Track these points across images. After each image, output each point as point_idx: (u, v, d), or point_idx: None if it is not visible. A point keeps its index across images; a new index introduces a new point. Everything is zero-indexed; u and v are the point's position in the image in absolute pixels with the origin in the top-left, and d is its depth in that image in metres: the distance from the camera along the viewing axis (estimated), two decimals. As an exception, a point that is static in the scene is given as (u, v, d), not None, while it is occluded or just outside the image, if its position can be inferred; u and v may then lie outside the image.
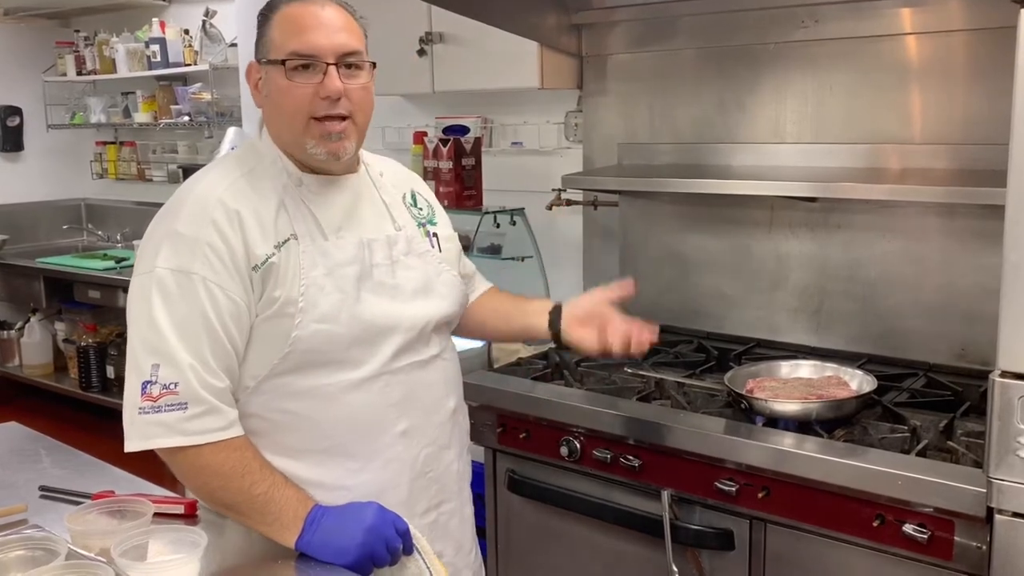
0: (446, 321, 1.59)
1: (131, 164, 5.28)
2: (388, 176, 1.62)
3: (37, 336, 5.06)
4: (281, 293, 1.37)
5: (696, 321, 2.62)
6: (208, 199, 1.38)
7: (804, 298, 2.43)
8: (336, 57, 1.39)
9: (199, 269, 1.33)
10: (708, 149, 2.54)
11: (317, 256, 1.41)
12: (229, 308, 1.34)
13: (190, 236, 1.35)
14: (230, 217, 1.36)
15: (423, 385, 1.52)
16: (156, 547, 1.20)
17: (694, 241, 2.62)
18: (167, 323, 1.32)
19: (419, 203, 1.64)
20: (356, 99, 1.42)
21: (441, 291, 1.57)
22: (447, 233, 1.66)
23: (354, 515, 1.34)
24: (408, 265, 1.53)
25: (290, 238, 1.40)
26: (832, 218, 2.36)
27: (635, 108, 2.71)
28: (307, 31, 1.39)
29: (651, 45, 2.66)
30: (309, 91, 1.38)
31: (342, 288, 1.42)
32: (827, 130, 2.36)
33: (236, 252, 1.35)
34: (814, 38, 2.34)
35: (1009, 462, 1.52)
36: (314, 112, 1.39)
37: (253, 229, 1.37)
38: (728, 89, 2.51)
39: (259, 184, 1.43)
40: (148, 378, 1.32)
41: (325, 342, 1.39)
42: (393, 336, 1.47)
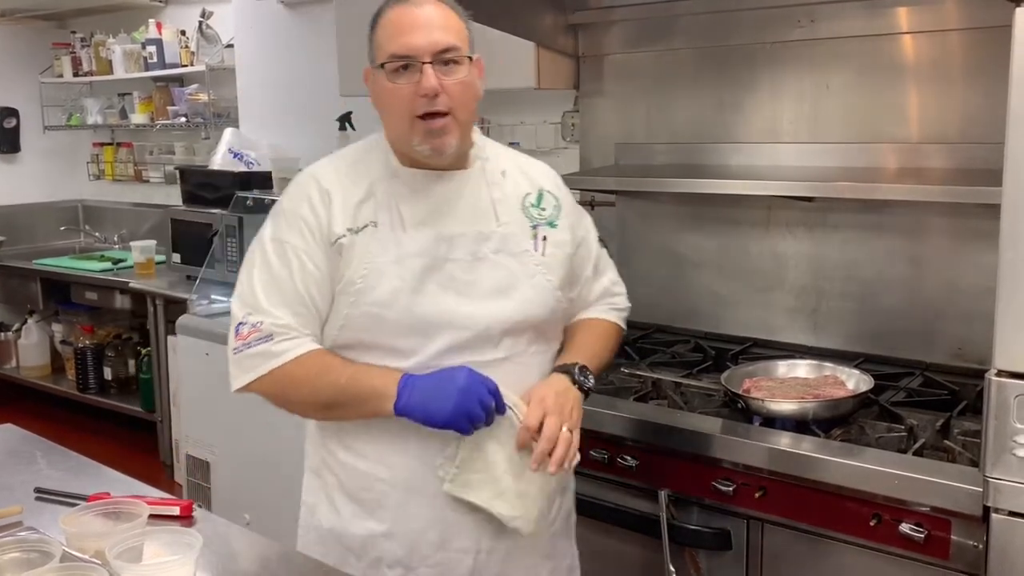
0: (523, 325, 1.54)
1: (128, 165, 5.27)
2: (513, 176, 1.61)
3: (34, 338, 5.05)
4: (347, 273, 1.48)
5: (693, 321, 2.62)
6: (309, 180, 1.55)
7: (801, 298, 2.43)
8: (432, 55, 1.43)
9: (292, 239, 1.50)
10: (705, 149, 2.54)
11: (390, 244, 1.49)
12: (314, 275, 1.49)
13: (290, 210, 1.53)
14: (322, 196, 1.51)
15: None
16: (151, 549, 1.19)
17: (691, 241, 2.62)
18: (260, 283, 1.50)
19: (544, 204, 1.62)
20: (455, 94, 1.45)
21: (526, 294, 1.55)
22: (560, 238, 1.61)
23: (447, 378, 1.42)
24: (495, 263, 1.53)
25: (368, 225, 1.49)
26: (829, 218, 2.36)
27: (632, 108, 2.71)
28: (403, 33, 1.44)
29: (648, 45, 2.65)
30: (409, 91, 1.44)
31: (403, 277, 1.47)
32: (824, 130, 2.36)
33: (323, 226, 1.49)
34: (811, 37, 2.34)
35: (1005, 461, 1.52)
36: (415, 111, 1.45)
37: (337, 211, 1.50)
38: (725, 89, 2.51)
39: (356, 173, 1.54)
40: (240, 321, 1.50)
41: (374, 325, 1.47)
42: (446, 332, 1.48)
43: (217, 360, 3.21)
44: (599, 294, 1.75)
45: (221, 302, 3.47)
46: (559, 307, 1.61)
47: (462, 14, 1.51)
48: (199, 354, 3.22)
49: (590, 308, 1.74)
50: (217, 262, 3.68)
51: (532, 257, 1.57)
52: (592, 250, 1.72)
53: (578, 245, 1.67)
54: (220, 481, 3.24)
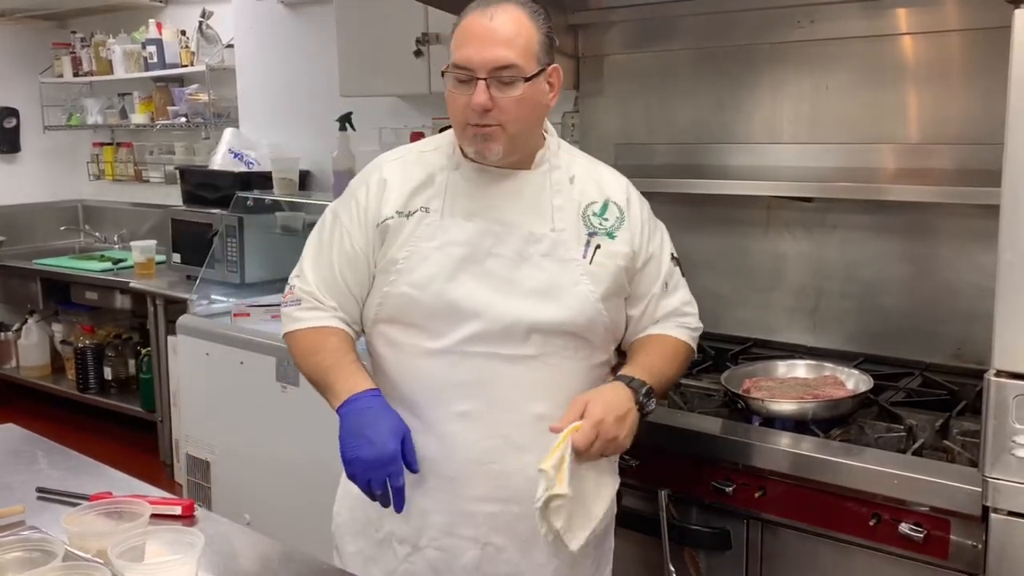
0: (559, 329, 1.54)
1: (128, 165, 5.28)
2: (582, 183, 1.62)
3: (34, 338, 5.06)
4: (391, 254, 1.56)
5: (693, 321, 2.62)
6: (377, 165, 1.64)
7: (800, 298, 2.44)
8: (487, 72, 1.45)
9: (343, 215, 1.62)
10: (705, 149, 2.54)
11: (437, 230, 1.55)
12: (349, 254, 1.59)
13: (352, 188, 1.64)
14: (380, 181, 1.60)
15: (502, 379, 1.53)
16: (153, 548, 1.20)
17: (691, 241, 2.61)
18: (311, 247, 1.65)
19: (607, 213, 1.61)
20: (506, 109, 1.47)
21: (566, 301, 1.55)
22: (616, 249, 1.59)
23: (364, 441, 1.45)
24: (539, 266, 1.55)
25: (419, 210, 1.56)
26: (828, 218, 2.36)
27: (632, 108, 2.72)
28: (467, 44, 1.47)
29: (648, 45, 2.66)
30: (463, 101, 1.48)
31: (441, 263, 1.53)
32: (823, 130, 2.36)
33: (370, 209, 1.58)
34: (810, 38, 2.34)
35: (1004, 461, 1.52)
36: (467, 120, 1.50)
37: (391, 195, 1.58)
38: (725, 89, 2.51)
39: (420, 161, 1.61)
40: (290, 282, 1.65)
41: (409, 304, 1.54)
42: (473, 322, 1.52)
43: (217, 360, 3.24)
44: (667, 312, 1.69)
45: (221, 302, 3.47)
46: (600, 318, 1.58)
47: (540, 24, 1.50)
48: (199, 354, 3.23)
49: (658, 324, 1.69)
50: (217, 262, 3.68)
51: (579, 265, 1.56)
52: (663, 267, 1.68)
53: (643, 261, 1.64)
54: (220, 481, 3.24)
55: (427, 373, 1.55)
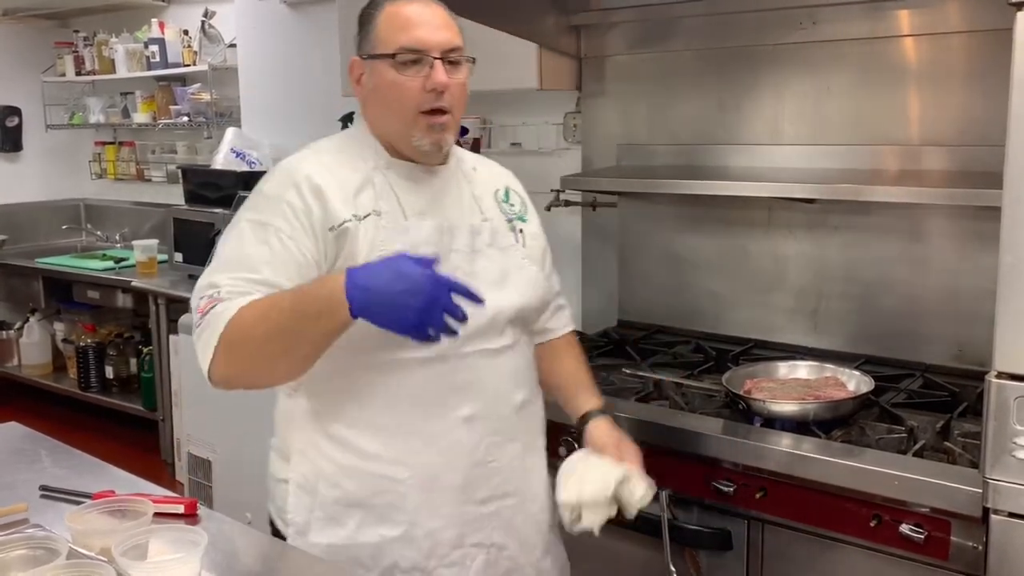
0: (522, 314, 1.59)
1: (130, 164, 5.28)
2: (482, 172, 1.67)
3: (36, 336, 5.06)
4: (359, 261, 1.42)
5: (694, 322, 2.62)
6: (295, 169, 1.49)
7: (801, 299, 2.44)
8: (441, 52, 1.46)
9: (274, 221, 1.43)
10: (706, 150, 2.55)
11: (396, 234, 1.48)
12: (296, 259, 1.41)
13: (273, 195, 1.47)
14: (312, 187, 1.45)
15: (492, 374, 1.53)
16: (156, 546, 1.20)
17: (692, 242, 2.63)
18: (225, 262, 1.42)
19: (511, 199, 1.67)
20: (456, 94, 1.49)
21: (519, 284, 1.59)
22: (534, 231, 1.68)
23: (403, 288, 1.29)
24: (489, 256, 1.57)
25: (371, 213, 1.47)
26: (830, 219, 2.36)
27: (634, 109, 2.72)
28: (415, 27, 1.46)
29: (650, 46, 2.66)
30: (417, 84, 1.46)
31: None
32: (825, 131, 2.36)
33: (313, 213, 1.43)
34: (812, 39, 2.35)
35: (1005, 463, 1.53)
36: (421, 105, 1.47)
37: (335, 198, 1.45)
38: (726, 90, 2.52)
39: (347, 163, 1.51)
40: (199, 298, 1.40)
41: None
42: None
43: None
44: (556, 291, 1.78)
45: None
46: (547, 297, 1.68)
47: (454, 17, 1.53)
48: (201, 353, 3.23)
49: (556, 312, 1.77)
50: (219, 261, 3.68)
51: (518, 250, 1.62)
52: (547, 247, 1.74)
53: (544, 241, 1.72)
54: (221, 480, 3.25)
55: (423, 385, 1.48)
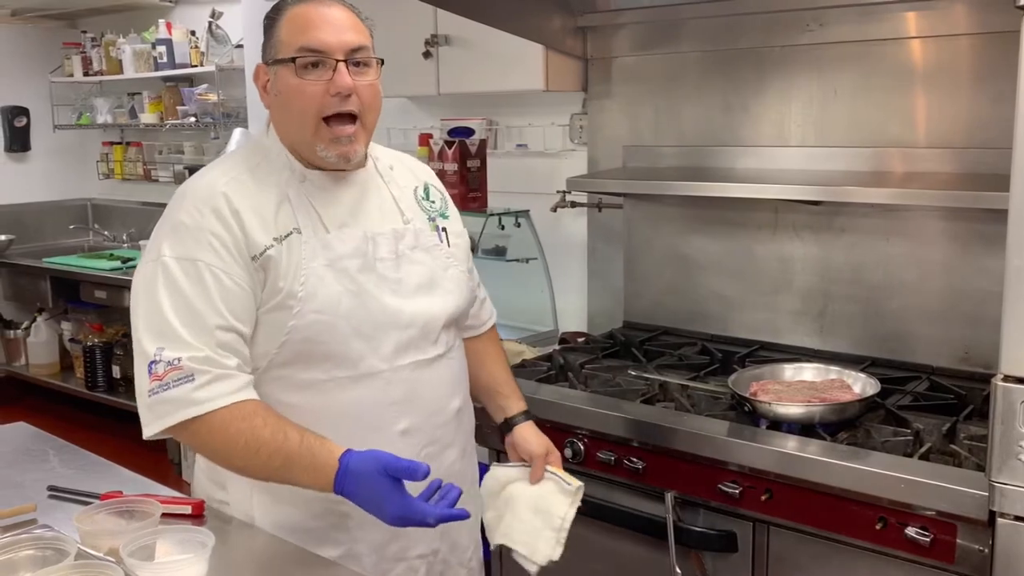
0: (453, 319, 1.57)
1: (137, 164, 5.30)
2: (399, 170, 1.62)
3: (43, 336, 5.08)
4: (284, 285, 1.38)
5: (700, 323, 2.62)
6: (210, 191, 1.40)
7: (808, 301, 2.44)
8: (345, 53, 1.40)
9: (203, 256, 1.35)
10: (713, 152, 2.55)
11: (319, 248, 1.43)
12: (235, 292, 1.36)
13: (193, 225, 1.37)
14: (232, 209, 1.38)
15: (427, 384, 1.51)
16: (164, 547, 1.21)
17: (698, 244, 2.62)
18: (171, 309, 1.33)
19: (431, 196, 1.64)
20: (365, 97, 1.43)
21: (447, 287, 1.56)
22: (457, 229, 1.65)
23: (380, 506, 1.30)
24: (414, 260, 1.53)
25: (292, 232, 1.42)
26: (836, 221, 2.36)
27: (640, 110, 2.72)
28: (315, 28, 1.40)
29: (656, 48, 2.66)
30: (320, 88, 1.39)
31: (342, 280, 1.43)
32: (831, 133, 2.36)
33: (238, 240, 1.37)
34: (819, 41, 2.34)
35: (1011, 466, 1.53)
36: (324, 110, 1.40)
37: (252, 222, 1.39)
38: (733, 92, 2.52)
39: (262, 179, 1.44)
40: (153, 358, 1.32)
41: (324, 332, 1.40)
42: (392, 332, 1.46)
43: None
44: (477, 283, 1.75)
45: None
46: (473, 296, 1.66)
47: (365, 19, 1.49)
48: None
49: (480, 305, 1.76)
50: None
51: (443, 250, 1.58)
52: (468, 243, 1.71)
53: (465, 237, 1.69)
54: (228, 480, 3.25)
55: (357, 403, 1.43)
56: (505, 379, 1.77)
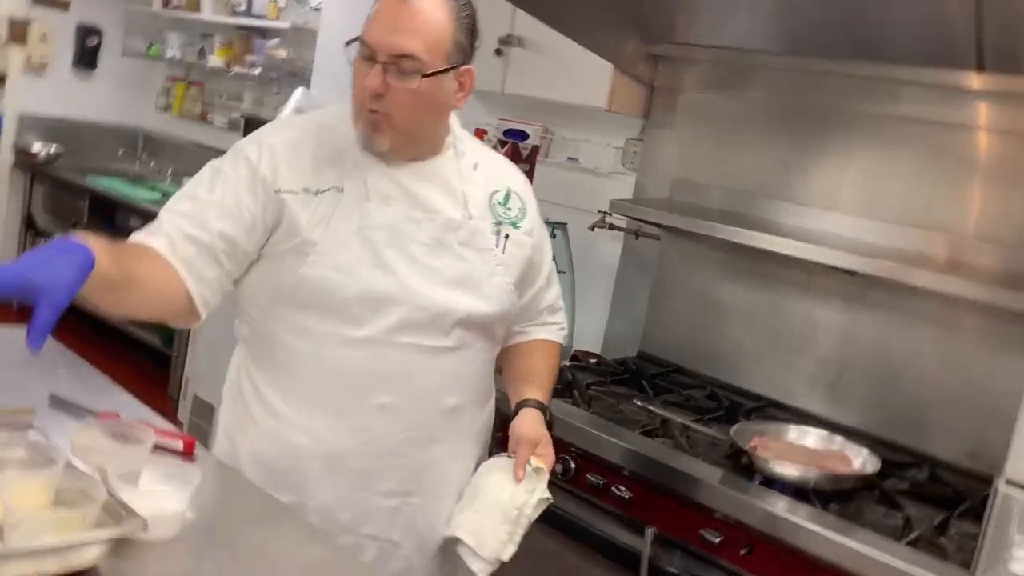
0: (479, 321, 1.55)
1: (196, 104, 5.36)
2: (483, 169, 1.61)
3: (72, 251, 5.14)
4: (304, 233, 1.44)
5: (714, 368, 2.61)
6: (272, 130, 1.53)
7: (825, 367, 2.42)
8: (387, 56, 1.40)
9: (226, 168, 1.47)
10: (759, 202, 2.54)
11: (354, 212, 1.46)
12: (232, 210, 1.43)
13: (240, 147, 1.50)
14: (272, 147, 1.47)
15: (422, 371, 1.50)
16: (149, 475, 1.22)
17: (727, 289, 2.62)
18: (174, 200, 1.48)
19: (510, 202, 1.62)
20: (402, 101, 1.42)
21: (485, 291, 1.54)
22: (524, 240, 1.61)
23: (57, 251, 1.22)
24: (460, 254, 1.52)
25: (331, 189, 1.46)
26: (869, 295, 2.35)
27: (696, 147, 2.72)
28: (375, 22, 1.42)
29: (724, 89, 2.66)
30: (359, 81, 1.43)
31: (365, 248, 1.45)
32: (881, 206, 2.34)
33: (265, 174, 1.45)
34: (888, 114, 2.33)
35: (997, 571, 1.51)
36: (360, 101, 1.44)
37: (291, 165, 1.46)
38: (791, 147, 2.51)
39: (326, 136, 1.51)
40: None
41: (335, 290, 1.44)
42: (399, 309, 1.46)
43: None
44: (547, 305, 1.74)
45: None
46: (513, 310, 1.62)
47: (460, 20, 1.45)
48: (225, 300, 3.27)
49: (538, 325, 1.75)
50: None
51: (494, 255, 1.56)
52: (547, 259, 1.72)
53: (538, 251, 1.67)
54: (221, 427, 3.28)
55: (347, 363, 1.47)
56: (537, 372, 1.71)
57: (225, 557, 1.17)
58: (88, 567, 1.06)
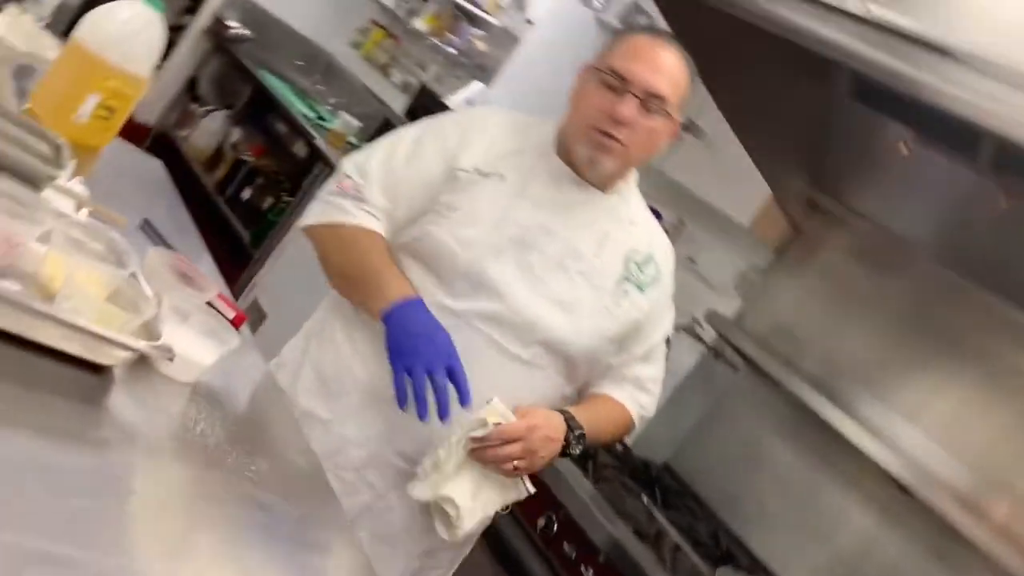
0: (562, 349, 1.54)
1: (384, 55, 5.55)
2: (639, 230, 1.63)
3: (215, 126, 5.35)
4: (450, 199, 1.52)
5: (729, 512, 2.55)
6: (477, 114, 1.69)
7: (835, 566, 2.34)
8: (643, 93, 1.47)
9: (427, 142, 1.58)
10: (849, 384, 2.48)
11: (502, 202, 1.52)
12: (421, 180, 1.55)
13: (442, 123, 1.62)
14: (475, 133, 1.57)
15: (488, 366, 1.49)
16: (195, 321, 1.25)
17: (778, 447, 2.56)
18: (379, 161, 1.58)
19: (646, 268, 1.61)
20: (638, 134, 1.49)
21: (582, 324, 1.54)
22: (639, 303, 1.59)
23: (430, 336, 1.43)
24: (574, 281, 1.54)
25: (496, 174, 1.53)
26: (912, 520, 2.26)
27: (813, 304, 2.69)
28: (634, 60, 1.49)
29: (866, 264, 2.63)
30: (605, 105, 1.48)
31: (493, 237, 1.50)
32: (962, 444, 2.26)
33: (453, 149, 1.55)
34: (1011, 361, 2.26)
35: None
36: (597, 123, 1.49)
37: (477, 148, 1.55)
38: (903, 347, 2.46)
39: (518, 131, 1.59)
40: (347, 173, 1.58)
41: (446, 255, 1.51)
42: (493, 301, 1.50)
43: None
44: (635, 376, 1.67)
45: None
46: (602, 358, 1.60)
47: (692, 79, 1.54)
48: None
49: (622, 387, 1.67)
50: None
51: (604, 299, 1.56)
52: (655, 337, 1.67)
53: (652, 324, 1.64)
54: (263, 336, 3.35)
55: None
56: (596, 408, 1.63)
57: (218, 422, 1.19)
58: (106, 365, 1.10)
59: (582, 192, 1.57)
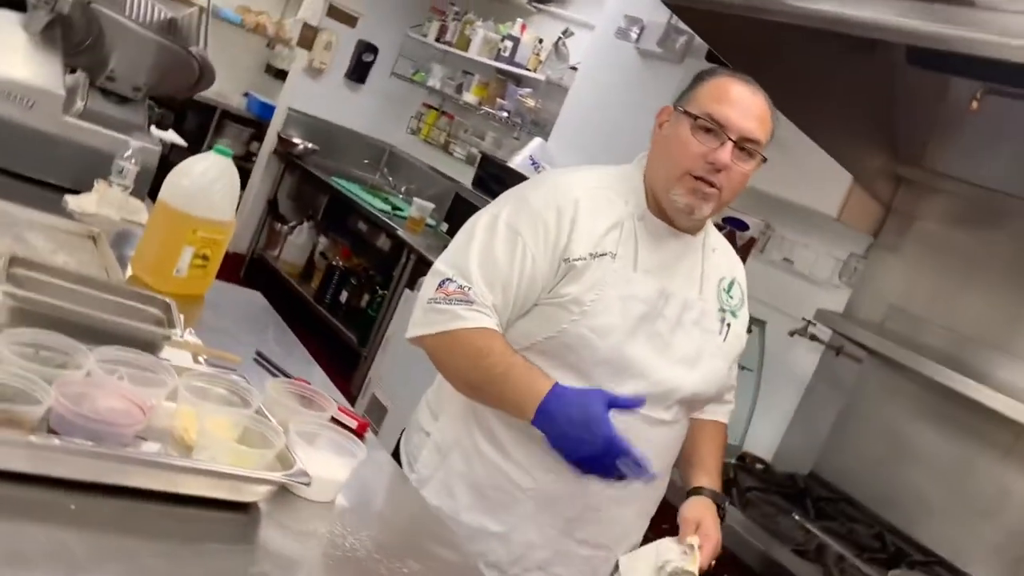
0: (693, 399, 1.61)
1: (442, 134, 5.72)
2: (720, 255, 1.69)
3: (302, 240, 5.59)
4: (575, 292, 1.51)
5: (888, 509, 2.46)
6: (567, 190, 1.57)
7: (1011, 541, 2.22)
8: (739, 137, 1.50)
9: (527, 235, 1.52)
10: (979, 350, 2.39)
11: (621, 281, 1.53)
12: (530, 275, 1.52)
13: (536, 209, 1.55)
14: (573, 215, 1.53)
15: (641, 438, 1.51)
16: (323, 441, 1.31)
17: (922, 432, 2.46)
18: (477, 256, 1.53)
19: (732, 292, 1.68)
20: (734, 180, 1.53)
21: (704, 372, 1.60)
22: (739, 331, 1.67)
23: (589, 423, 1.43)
24: (689, 333, 1.58)
25: (607, 254, 1.53)
26: (1081, 477, 2.14)
27: (921, 278, 2.60)
28: (727, 104, 1.51)
29: (966, 226, 2.54)
30: (702, 151, 1.50)
31: (625, 317, 1.52)
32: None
33: (560, 240, 1.52)
34: None
35: None
36: (694, 169, 1.51)
37: (582, 233, 1.53)
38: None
39: (612, 200, 1.58)
40: (447, 276, 1.53)
41: (584, 348, 1.51)
42: (637, 381, 1.53)
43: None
44: (730, 385, 1.78)
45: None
46: (719, 392, 1.68)
47: (774, 118, 1.57)
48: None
49: (716, 403, 1.76)
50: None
51: (717, 340, 1.62)
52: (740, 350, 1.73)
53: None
54: (388, 429, 3.44)
55: None
56: (705, 455, 1.72)
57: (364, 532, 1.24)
58: (250, 502, 1.16)
59: (679, 242, 1.60)
